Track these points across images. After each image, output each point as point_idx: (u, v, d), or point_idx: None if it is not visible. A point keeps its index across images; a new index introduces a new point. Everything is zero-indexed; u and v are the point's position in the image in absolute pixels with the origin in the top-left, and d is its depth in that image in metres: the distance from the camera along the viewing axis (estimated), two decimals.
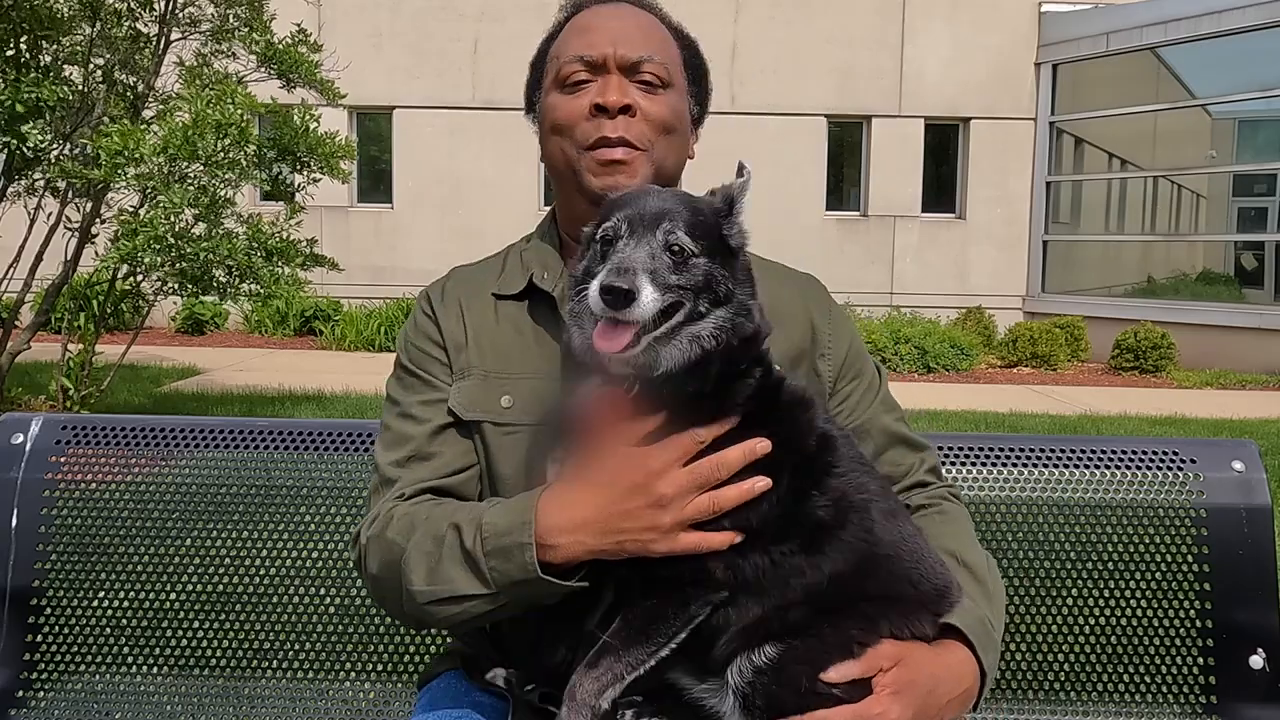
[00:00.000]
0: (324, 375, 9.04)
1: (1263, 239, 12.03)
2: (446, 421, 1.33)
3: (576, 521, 1.13)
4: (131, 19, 6.54)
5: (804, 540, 1.15)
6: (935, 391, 9.21)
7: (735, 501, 1.11)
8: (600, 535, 1.13)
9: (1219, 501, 1.74)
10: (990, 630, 1.23)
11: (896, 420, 1.45)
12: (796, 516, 1.15)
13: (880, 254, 13.41)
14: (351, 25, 12.78)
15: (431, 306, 1.40)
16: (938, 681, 1.15)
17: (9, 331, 6.67)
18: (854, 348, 1.46)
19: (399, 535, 1.24)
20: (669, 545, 1.11)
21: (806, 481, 1.17)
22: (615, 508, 1.12)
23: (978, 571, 1.29)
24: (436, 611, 1.21)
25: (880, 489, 1.24)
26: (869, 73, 13.22)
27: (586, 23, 1.37)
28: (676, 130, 1.36)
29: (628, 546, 1.12)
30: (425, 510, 1.26)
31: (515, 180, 13.24)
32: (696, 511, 1.11)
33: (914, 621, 1.18)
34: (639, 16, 1.38)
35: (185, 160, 5.79)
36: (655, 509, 1.11)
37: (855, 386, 1.43)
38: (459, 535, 1.18)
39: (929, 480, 1.44)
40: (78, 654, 1.74)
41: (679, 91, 1.38)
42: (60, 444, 1.81)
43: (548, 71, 1.40)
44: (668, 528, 1.11)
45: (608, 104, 1.30)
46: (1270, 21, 11.07)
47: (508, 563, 1.15)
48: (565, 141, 1.35)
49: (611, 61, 1.32)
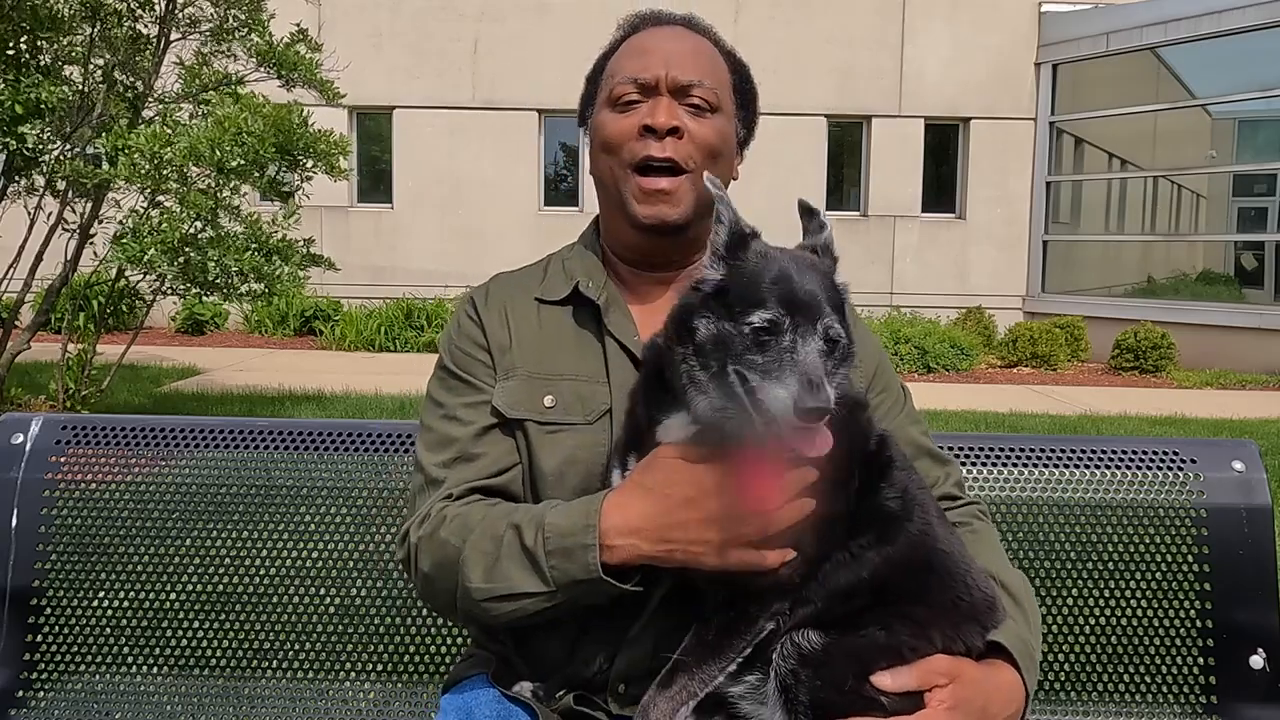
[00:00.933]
0: (324, 375, 9.04)
1: (1263, 239, 12.03)
2: (491, 423, 1.36)
3: (632, 525, 1.16)
4: (131, 19, 6.53)
5: (879, 531, 1.17)
6: (935, 391, 9.21)
7: (786, 524, 1.12)
8: (654, 542, 1.16)
9: (1219, 501, 1.74)
10: (1032, 652, 1.24)
11: (922, 434, 1.47)
12: (870, 509, 1.18)
13: (880, 254, 13.42)
14: (351, 25, 12.78)
15: (476, 310, 1.44)
16: (990, 702, 1.16)
17: (9, 331, 6.66)
18: (882, 362, 1.49)
19: (453, 535, 1.27)
20: (720, 560, 1.13)
21: (874, 475, 1.20)
22: (667, 519, 1.15)
23: (1015, 592, 1.30)
24: (492, 608, 1.24)
25: (927, 489, 1.28)
26: (869, 73, 13.22)
27: (642, 44, 1.40)
28: (722, 154, 1.40)
29: (677, 556, 1.15)
30: (480, 511, 1.28)
31: (515, 180, 13.24)
32: (746, 533, 1.13)
33: (965, 632, 1.18)
34: (693, 40, 1.41)
35: (209, 165, 5.84)
36: (706, 526, 1.13)
37: (884, 398, 1.45)
38: (519, 535, 1.22)
39: (956, 494, 1.46)
40: (78, 654, 1.74)
41: (727, 115, 1.41)
42: (60, 444, 1.81)
43: (602, 87, 1.43)
44: (718, 544, 1.13)
45: (656, 125, 1.34)
46: (1270, 21, 11.07)
47: (569, 562, 1.18)
48: (613, 160, 1.38)
49: (663, 84, 1.35)
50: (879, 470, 1.21)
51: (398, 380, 8.52)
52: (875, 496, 1.19)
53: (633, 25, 1.46)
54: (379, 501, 1.78)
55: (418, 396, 3.03)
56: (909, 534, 1.18)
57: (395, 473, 1.79)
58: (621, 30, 1.47)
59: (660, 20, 1.45)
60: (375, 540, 1.77)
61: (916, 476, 1.26)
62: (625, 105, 1.37)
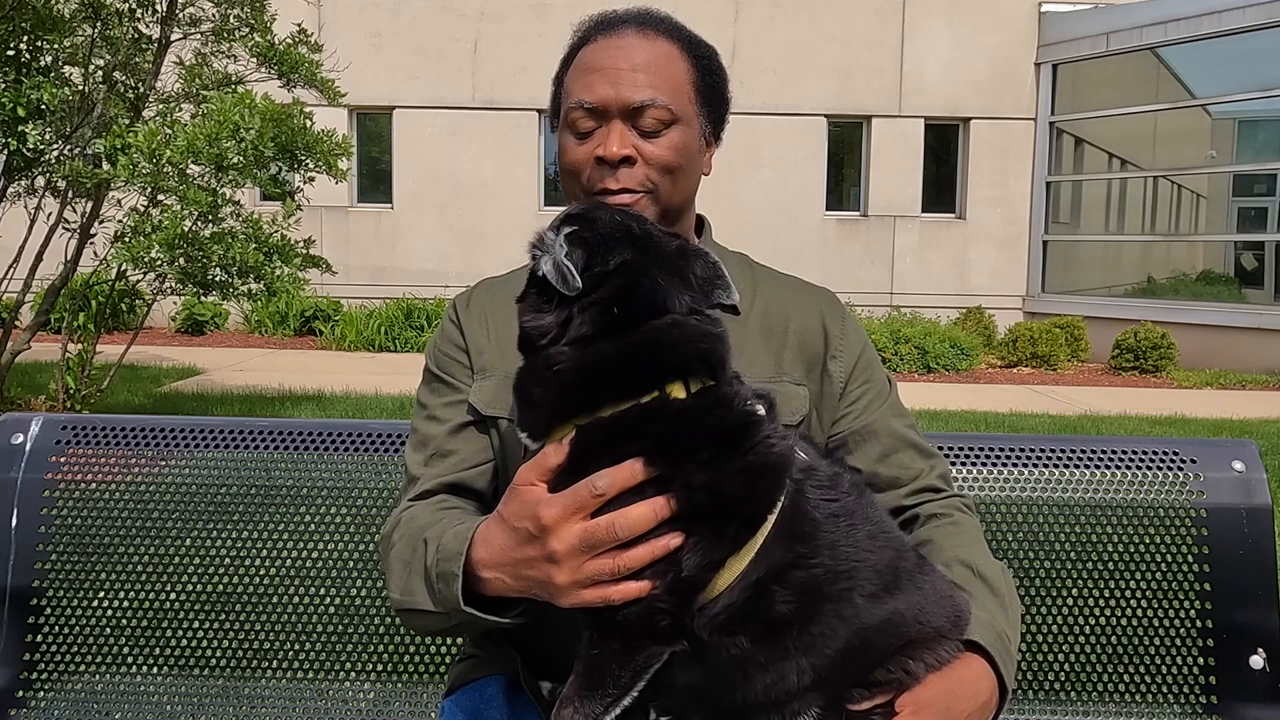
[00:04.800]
0: (324, 375, 9.04)
1: (1263, 239, 12.03)
2: (466, 420, 1.36)
3: (494, 560, 1.11)
4: (132, 20, 6.54)
5: (758, 633, 1.04)
6: (935, 391, 9.21)
7: (643, 562, 1.01)
8: (513, 579, 1.09)
9: (1219, 501, 1.74)
10: (1007, 643, 1.21)
11: (906, 426, 1.45)
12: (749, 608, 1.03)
13: (880, 254, 13.41)
14: (351, 25, 12.78)
15: (457, 313, 1.45)
16: (955, 699, 1.13)
17: (9, 331, 6.66)
18: (866, 353, 1.46)
19: (399, 537, 1.27)
20: (572, 600, 1.04)
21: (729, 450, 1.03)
22: (517, 554, 1.07)
23: (994, 583, 1.28)
24: (406, 620, 1.23)
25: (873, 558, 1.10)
26: (869, 73, 13.22)
27: (591, 61, 1.34)
28: (682, 167, 1.36)
29: (535, 593, 1.08)
30: (425, 515, 1.27)
31: (515, 180, 13.24)
32: (596, 572, 1.02)
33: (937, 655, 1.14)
34: (646, 48, 1.34)
35: (207, 163, 5.84)
36: (549, 564, 1.04)
37: (866, 390, 1.44)
38: (425, 550, 1.20)
39: (940, 487, 1.43)
40: (78, 654, 1.74)
41: (687, 122, 1.36)
42: (60, 444, 1.81)
43: (563, 101, 1.39)
44: (564, 585, 1.03)
45: (608, 156, 1.30)
46: (1270, 21, 11.07)
47: (447, 588, 1.14)
48: (574, 184, 1.37)
49: (613, 108, 1.31)
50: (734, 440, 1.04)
51: (398, 380, 8.52)
52: (764, 598, 1.02)
53: (584, 34, 1.39)
54: (379, 501, 1.78)
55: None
56: (810, 635, 1.03)
57: (395, 473, 1.79)
58: (574, 37, 1.41)
59: (610, 26, 1.37)
60: (375, 540, 1.77)
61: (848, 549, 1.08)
62: (579, 133, 1.34)
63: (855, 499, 1.13)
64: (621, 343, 1.03)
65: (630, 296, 1.04)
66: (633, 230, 1.10)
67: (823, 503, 1.08)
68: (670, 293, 1.05)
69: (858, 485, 1.17)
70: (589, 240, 1.06)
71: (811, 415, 1.40)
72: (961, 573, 1.27)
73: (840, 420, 1.42)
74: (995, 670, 1.17)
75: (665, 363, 1.03)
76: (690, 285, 1.08)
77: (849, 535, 1.08)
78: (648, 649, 1.04)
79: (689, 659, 1.05)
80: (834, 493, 1.10)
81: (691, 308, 1.06)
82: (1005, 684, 1.18)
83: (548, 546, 1.03)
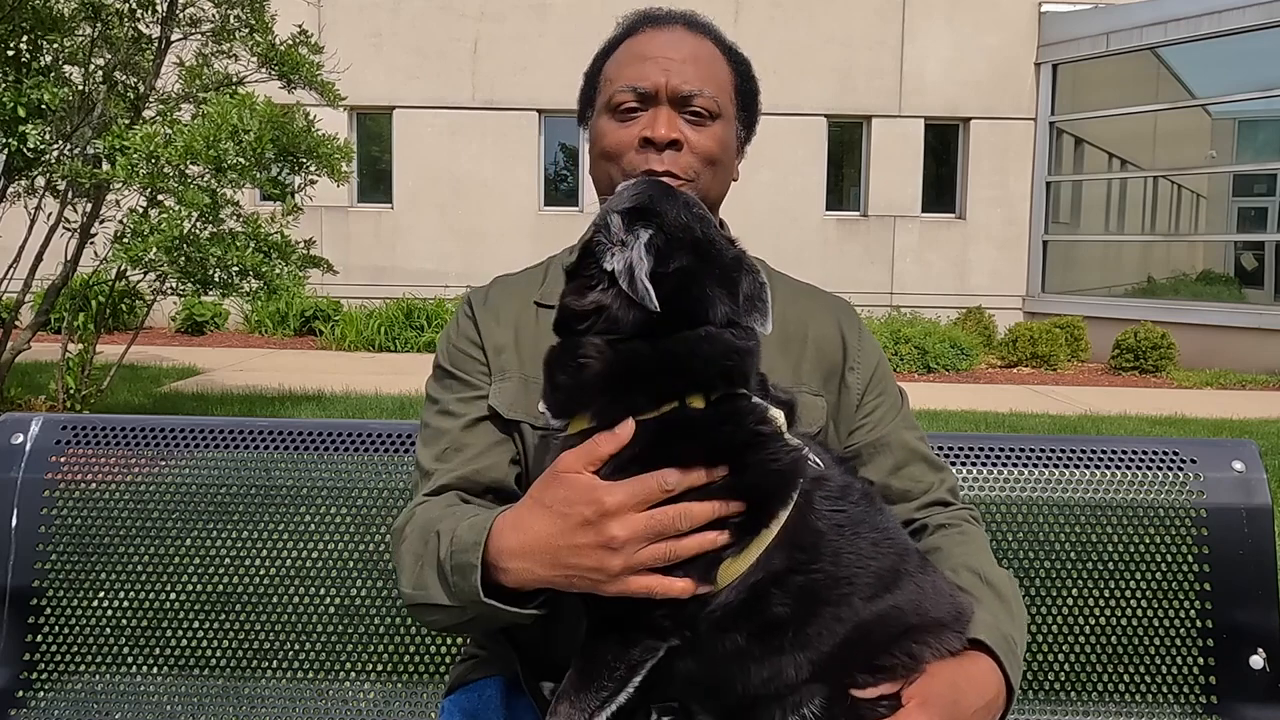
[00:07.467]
0: (324, 375, 9.04)
1: (1263, 239, 12.03)
2: (482, 415, 1.35)
3: (527, 547, 1.09)
4: (132, 20, 6.54)
5: (753, 630, 1.06)
6: (935, 391, 9.21)
7: (694, 551, 1.03)
8: (550, 566, 1.07)
9: (1219, 501, 1.74)
10: (1013, 645, 1.22)
11: (918, 439, 1.46)
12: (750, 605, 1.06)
13: (880, 254, 13.42)
14: (351, 26, 12.78)
15: (473, 309, 1.43)
16: (961, 695, 1.13)
17: (9, 331, 6.66)
18: (881, 365, 1.48)
19: (411, 531, 1.26)
20: (619, 588, 1.04)
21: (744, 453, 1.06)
22: (563, 540, 1.05)
23: (1000, 589, 1.29)
24: (417, 615, 1.22)
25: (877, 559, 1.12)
26: (869, 73, 13.22)
27: (641, 49, 1.37)
28: (721, 161, 1.38)
29: (576, 583, 1.07)
30: (438, 509, 1.26)
31: (515, 180, 13.24)
32: (651, 558, 1.03)
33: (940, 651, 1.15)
34: (695, 44, 1.38)
35: (205, 164, 5.84)
36: (605, 550, 1.03)
37: (881, 401, 1.45)
38: (438, 542, 1.18)
39: (948, 500, 1.44)
40: (78, 654, 1.74)
41: (727, 120, 1.39)
42: (60, 444, 1.81)
43: (601, 90, 1.40)
44: (617, 571, 1.04)
45: (656, 138, 1.32)
46: (1270, 21, 11.07)
47: (464, 580, 1.12)
48: (613, 168, 1.36)
49: (663, 93, 1.33)
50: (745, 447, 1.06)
51: (398, 380, 8.52)
52: (763, 600, 1.05)
53: (631, 25, 1.43)
54: (379, 501, 1.78)
55: (418, 396, 3.04)
56: (806, 635, 1.06)
57: (395, 473, 1.79)
58: (620, 29, 1.44)
59: (660, 21, 1.41)
60: (375, 540, 1.77)
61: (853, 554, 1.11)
62: (624, 114, 1.35)
63: (864, 508, 1.14)
64: (652, 348, 1.05)
65: (675, 303, 1.04)
66: (695, 234, 1.10)
67: (830, 513, 1.10)
68: (714, 303, 1.07)
69: (868, 494, 1.18)
70: (659, 248, 1.06)
71: (828, 426, 1.41)
72: (969, 579, 1.28)
73: (855, 432, 1.42)
74: (1002, 672, 1.18)
75: (688, 377, 1.05)
76: (736, 298, 1.09)
77: (853, 543, 1.10)
78: (643, 643, 1.06)
79: (687, 651, 1.07)
80: (842, 503, 1.12)
81: (729, 318, 1.07)
82: (1011, 685, 1.18)
83: (606, 532, 1.03)
